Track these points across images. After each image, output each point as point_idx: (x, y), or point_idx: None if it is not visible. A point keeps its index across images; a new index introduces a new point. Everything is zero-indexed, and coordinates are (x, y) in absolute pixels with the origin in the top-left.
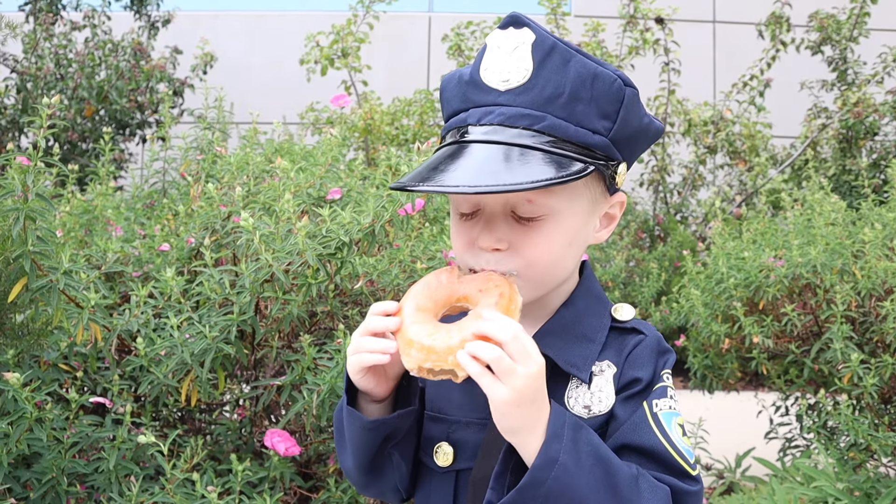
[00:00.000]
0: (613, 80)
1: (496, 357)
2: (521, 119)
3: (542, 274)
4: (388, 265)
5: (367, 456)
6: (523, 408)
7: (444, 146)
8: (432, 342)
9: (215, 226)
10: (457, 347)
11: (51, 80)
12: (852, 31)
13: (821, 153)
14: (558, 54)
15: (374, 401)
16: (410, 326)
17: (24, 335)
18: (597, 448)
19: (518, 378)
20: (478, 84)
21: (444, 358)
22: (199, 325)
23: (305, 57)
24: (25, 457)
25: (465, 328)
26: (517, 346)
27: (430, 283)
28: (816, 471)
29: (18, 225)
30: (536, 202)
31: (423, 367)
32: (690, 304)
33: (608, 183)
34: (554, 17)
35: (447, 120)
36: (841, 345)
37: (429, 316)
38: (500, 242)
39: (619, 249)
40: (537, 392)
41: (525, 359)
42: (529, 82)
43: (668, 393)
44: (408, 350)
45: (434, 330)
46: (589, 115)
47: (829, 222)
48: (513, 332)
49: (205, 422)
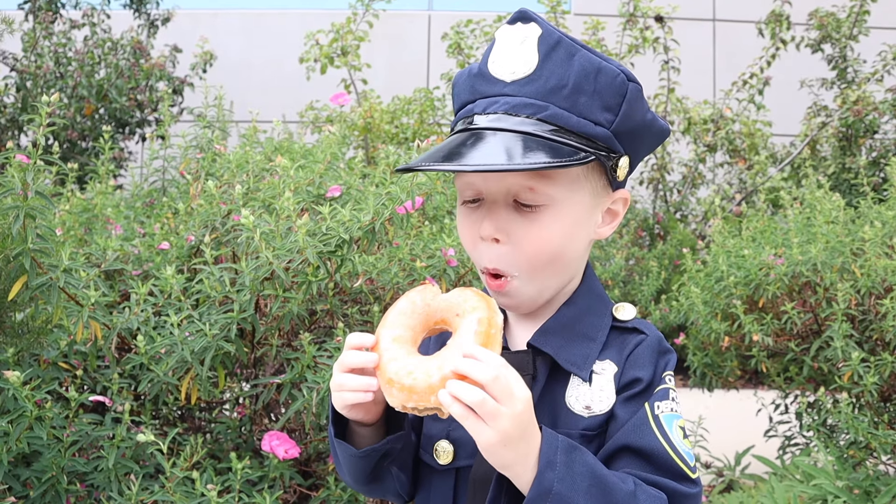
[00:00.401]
0: (616, 75)
1: (479, 401)
2: (525, 108)
3: (543, 269)
4: (387, 263)
5: (364, 475)
6: (510, 447)
7: (453, 134)
8: (412, 382)
9: (215, 224)
10: (438, 387)
11: (50, 78)
12: (852, 29)
13: (820, 151)
14: (564, 48)
15: (364, 425)
16: (389, 363)
17: (24, 333)
18: (592, 468)
19: (503, 419)
20: (485, 76)
21: (427, 398)
22: (199, 323)
23: (305, 55)
24: (25, 455)
25: (445, 364)
26: (500, 386)
27: (404, 309)
28: (816, 469)
29: (18, 223)
30: (538, 190)
31: (407, 407)
32: (690, 303)
33: (610, 176)
34: (554, 15)
35: (457, 112)
36: (842, 343)
37: (407, 347)
38: (500, 232)
39: (619, 248)
40: (525, 428)
41: (508, 399)
42: (534, 73)
43: (670, 395)
44: (389, 389)
45: (413, 366)
46: (591, 106)
47: (829, 220)
48: (494, 373)
49: (204, 420)
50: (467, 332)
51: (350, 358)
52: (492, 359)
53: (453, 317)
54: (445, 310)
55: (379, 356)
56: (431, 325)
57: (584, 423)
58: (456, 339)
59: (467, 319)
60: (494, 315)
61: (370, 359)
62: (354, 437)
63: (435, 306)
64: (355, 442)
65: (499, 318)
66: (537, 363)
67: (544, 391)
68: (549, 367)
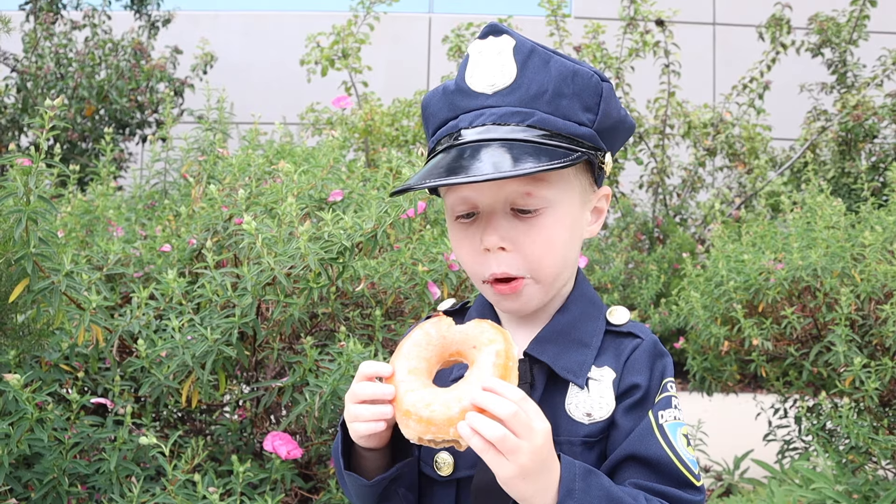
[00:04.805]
0: (591, 76)
1: (500, 437)
2: (512, 116)
3: (552, 271)
4: (389, 267)
5: (372, 500)
6: (529, 480)
7: (439, 152)
8: (430, 414)
9: (217, 227)
10: (457, 419)
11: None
12: (852, 33)
13: (820, 156)
14: (538, 56)
15: (371, 450)
16: (405, 395)
17: (26, 335)
18: (608, 491)
19: (523, 454)
20: (465, 91)
21: (446, 430)
22: (201, 327)
23: (306, 57)
24: (27, 457)
25: (463, 396)
26: (520, 421)
27: (419, 341)
28: (815, 473)
29: (20, 226)
30: (535, 194)
31: (424, 439)
32: (690, 307)
33: (596, 174)
34: (554, 18)
35: (434, 133)
36: (843, 347)
37: (423, 379)
38: (504, 241)
39: (619, 251)
40: (544, 461)
41: (528, 433)
42: (515, 83)
43: (673, 403)
44: (406, 421)
45: (431, 398)
46: (573, 108)
47: (830, 225)
48: (514, 408)
49: (205, 423)
50: (486, 365)
51: (365, 389)
52: (512, 393)
53: (470, 349)
54: (461, 342)
55: (395, 387)
56: (447, 356)
57: (585, 431)
58: (475, 372)
59: (485, 352)
60: (511, 347)
61: (387, 391)
62: (361, 462)
63: (450, 338)
64: (362, 466)
65: (515, 350)
66: (535, 372)
67: (543, 399)
68: (547, 375)
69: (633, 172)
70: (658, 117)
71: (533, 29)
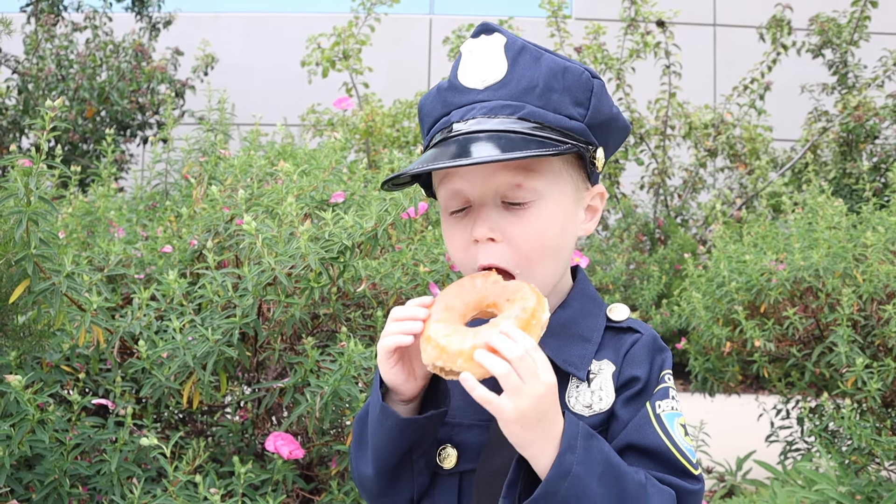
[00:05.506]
0: (582, 72)
1: (504, 373)
2: (503, 109)
3: (542, 262)
4: (390, 268)
5: (392, 460)
6: (529, 427)
7: (432, 147)
8: (446, 342)
9: (218, 228)
10: (468, 353)
11: (52, 81)
12: (853, 34)
13: (821, 156)
14: (529, 53)
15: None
16: (433, 323)
17: (26, 336)
18: (608, 456)
19: (524, 398)
20: (457, 87)
21: (454, 360)
22: (202, 328)
23: (306, 59)
24: (27, 458)
25: (480, 335)
26: (525, 365)
27: (465, 284)
28: (818, 474)
29: (21, 227)
30: (525, 186)
31: (436, 365)
32: (691, 308)
33: (588, 169)
34: (555, 19)
35: (429, 131)
36: (846, 348)
37: (455, 316)
38: (494, 232)
39: (620, 252)
40: (545, 412)
41: (532, 379)
42: (505, 78)
43: (670, 394)
44: (425, 346)
45: (452, 331)
46: (564, 102)
47: (831, 226)
48: (521, 351)
49: (206, 424)
50: (510, 315)
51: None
52: (524, 339)
53: (504, 301)
54: (499, 294)
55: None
56: (483, 306)
57: (586, 422)
58: (498, 319)
59: (515, 306)
60: (541, 310)
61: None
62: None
63: (491, 290)
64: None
65: (545, 315)
66: None
67: None
68: None
69: (634, 173)
70: (659, 118)
71: (534, 30)
